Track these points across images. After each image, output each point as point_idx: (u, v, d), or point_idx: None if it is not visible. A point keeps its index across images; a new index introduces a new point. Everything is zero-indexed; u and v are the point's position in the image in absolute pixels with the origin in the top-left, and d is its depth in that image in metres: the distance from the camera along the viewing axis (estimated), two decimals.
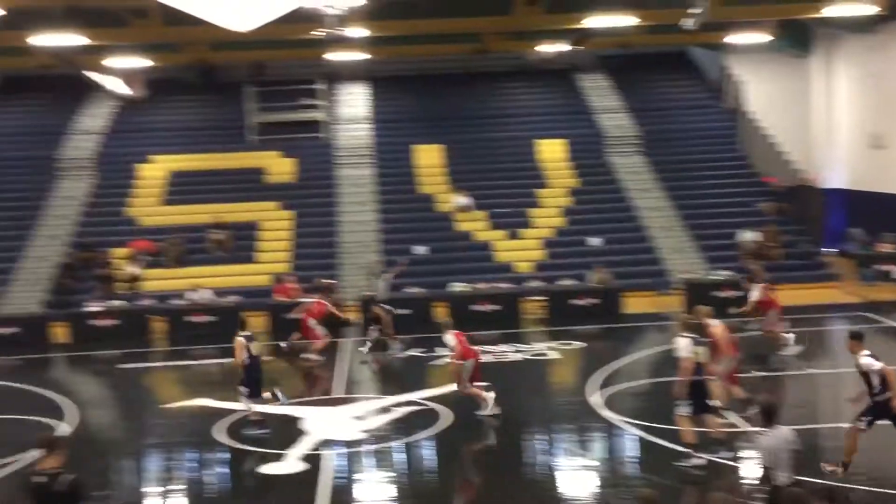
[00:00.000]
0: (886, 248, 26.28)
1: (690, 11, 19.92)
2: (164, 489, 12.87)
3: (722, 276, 24.85)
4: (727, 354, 14.22)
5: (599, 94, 34.36)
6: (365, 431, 14.77)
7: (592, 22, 23.62)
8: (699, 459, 12.32)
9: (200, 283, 24.70)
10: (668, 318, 23.44)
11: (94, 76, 26.97)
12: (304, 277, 24.96)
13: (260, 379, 15.10)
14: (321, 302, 20.53)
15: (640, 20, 24.32)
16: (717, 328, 14.26)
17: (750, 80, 32.60)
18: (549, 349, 20.32)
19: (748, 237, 27.05)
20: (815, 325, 21.01)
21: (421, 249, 27.54)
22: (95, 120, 33.00)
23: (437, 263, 26.91)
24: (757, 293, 18.85)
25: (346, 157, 31.83)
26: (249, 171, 30.94)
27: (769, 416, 9.45)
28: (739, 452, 12.92)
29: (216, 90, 34.14)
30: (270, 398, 15.31)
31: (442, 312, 23.29)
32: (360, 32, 22.83)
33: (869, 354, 11.81)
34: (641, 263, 26.89)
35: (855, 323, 20.93)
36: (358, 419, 15.44)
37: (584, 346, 20.96)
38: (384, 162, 31.50)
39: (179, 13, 17.01)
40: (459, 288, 24.74)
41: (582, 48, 30.24)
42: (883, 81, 28.35)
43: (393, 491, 12.48)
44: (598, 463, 13.29)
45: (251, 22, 16.12)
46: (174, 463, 14.04)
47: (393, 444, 14.30)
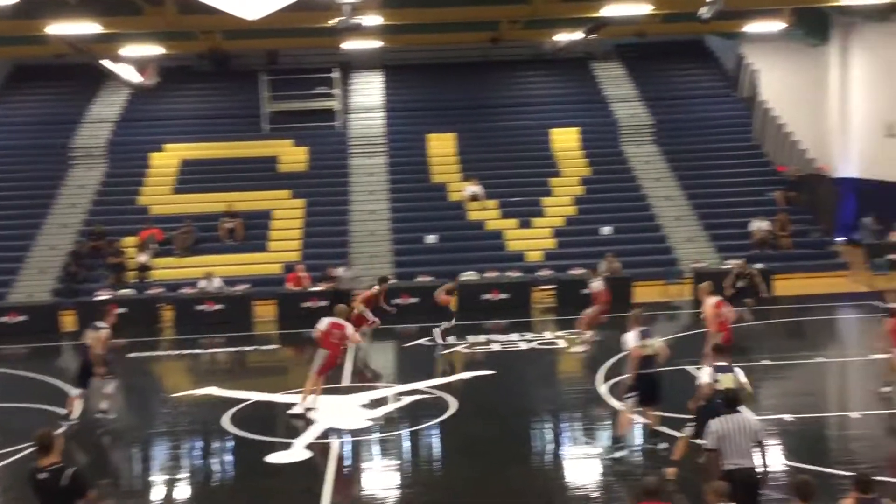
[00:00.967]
0: None
1: (706, 0, 19.75)
2: (170, 478, 12.97)
3: (733, 264, 24.70)
4: (713, 332, 14.99)
5: (614, 82, 34.24)
6: (371, 420, 14.84)
7: (609, 10, 23.51)
8: (622, 452, 12.83)
9: (212, 271, 24.79)
10: (678, 307, 23.46)
11: (107, 64, 27.07)
12: (315, 266, 25.04)
13: None
14: (373, 293, 20.27)
15: (655, 8, 24.22)
16: (708, 306, 15.15)
17: (765, 68, 32.44)
18: (559, 338, 20.33)
19: (759, 226, 26.91)
20: (823, 313, 20.92)
21: (431, 238, 27.57)
22: (109, 108, 33.14)
23: (448, 252, 26.96)
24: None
25: (359, 146, 31.86)
26: (262, 159, 31.01)
27: (729, 402, 9.68)
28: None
29: (230, 78, 34.24)
30: None
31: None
32: (374, 20, 22.80)
33: None
34: (652, 252, 26.85)
35: (863, 312, 20.91)
36: (365, 407, 15.52)
37: (592, 334, 20.95)
38: (397, 151, 31.52)
39: (193, 1, 17.07)
40: (469, 277, 24.74)
41: (597, 37, 30.13)
42: None
43: (399, 479, 12.56)
44: (603, 451, 13.31)
45: (261, 10, 16.18)
46: (181, 452, 14.15)
47: (399, 432, 14.38)
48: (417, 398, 15.94)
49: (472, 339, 20.32)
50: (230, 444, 14.16)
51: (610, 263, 24.33)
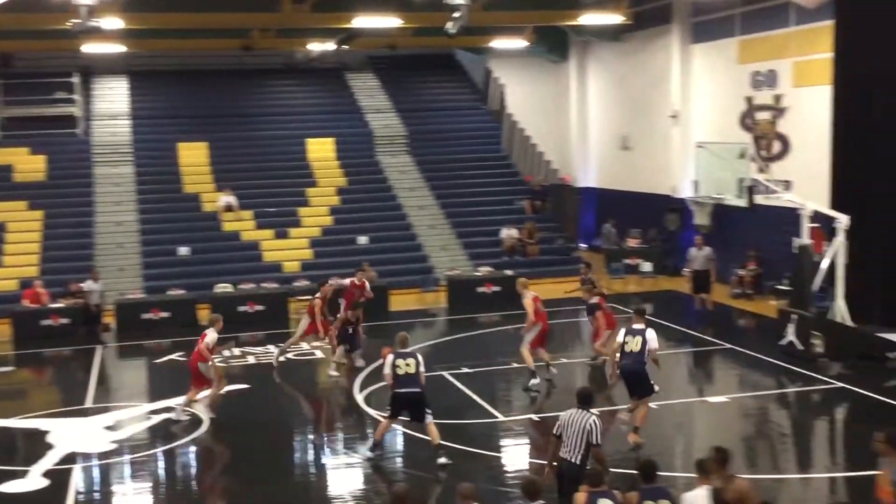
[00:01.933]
0: (633, 243, 28.03)
1: (451, 16, 20.39)
2: None
3: (484, 272, 25.65)
4: (535, 322, 16.19)
5: (368, 93, 34.59)
6: (117, 441, 14.14)
7: (359, 22, 23.81)
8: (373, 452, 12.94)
9: None
10: (434, 314, 24.01)
11: None
12: (55, 281, 23.57)
13: None
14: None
15: (405, 22, 24.77)
16: (527, 299, 16.19)
17: (511, 83, 33.92)
18: (315, 348, 20.24)
19: (509, 234, 28.05)
20: (566, 317, 22.05)
21: (184, 250, 26.74)
22: None
23: (202, 265, 26.20)
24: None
25: (103, 154, 30.31)
26: None
27: (580, 399, 10.17)
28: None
29: None
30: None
31: (205, 314, 22.74)
32: (114, 24, 21.84)
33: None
34: (408, 261, 27.32)
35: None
36: (110, 429, 14.76)
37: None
38: (146, 160, 30.29)
39: None
40: (224, 289, 24.17)
41: (350, 48, 30.42)
42: (629, 87, 30.24)
43: (152, 501, 12.04)
44: (361, 460, 13.37)
45: None
46: None
47: (151, 452, 13.82)
48: (168, 416, 15.36)
49: (226, 352, 19.83)
50: None
51: (366, 273, 24.49)
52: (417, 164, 31.74)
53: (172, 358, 19.58)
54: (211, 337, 15.04)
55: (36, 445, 13.98)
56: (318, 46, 29.68)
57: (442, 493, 12.11)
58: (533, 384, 16.14)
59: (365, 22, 23.84)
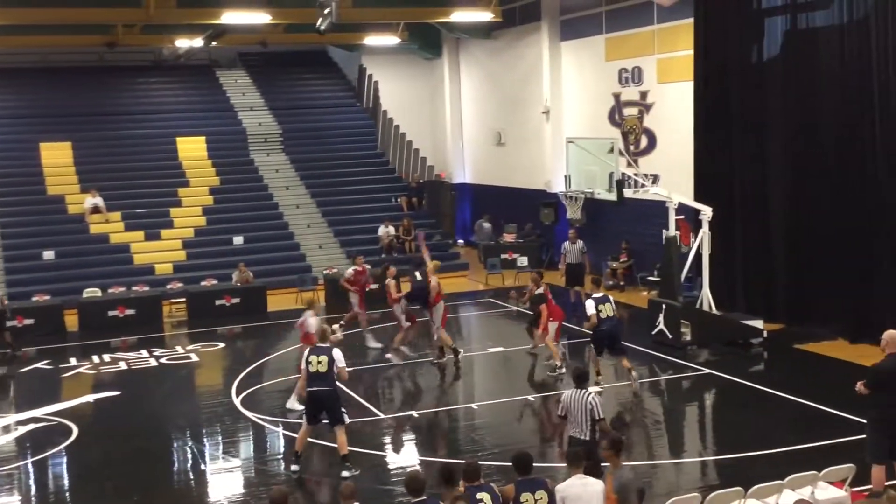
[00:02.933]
0: (509, 238, 28.43)
1: (321, 12, 20.23)
2: None
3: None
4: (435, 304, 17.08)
5: (240, 91, 33.98)
6: None
7: (227, 18, 23.39)
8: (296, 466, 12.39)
9: None
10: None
11: None
12: None
13: None
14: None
15: (274, 18, 24.47)
16: (433, 283, 17.28)
17: (385, 80, 33.91)
18: (190, 352, 19.82)
19: (386, 231, 28.05)
20: (450, 312, 22.20)
21: (49, 254, 25.78)
22: None
23: (69, 269, 25.30)
24: None
25: None
26: None
27: (576, 379, 10.64)
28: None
29: None
30: None
31: (73, 321, 22.02)
32: None
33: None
34: (285, 261, 27.03)
35: (482, 309, 22.51)
36: None
37: (227, 346, 20.73)
38: (5, 161, 28.95)
39: None
40: (93, 293, 23.40)
41: (220, 44, 29.83)
42: (502, 83, 30.64)
43: None
44: (239, 463, 13.17)
45: None
46: None
47: (17, 465, 13.29)
48: (35, 427, 14.79)
49: (96, 359, 19.23)
50: None
51: (242, 273, 24.16)
52: (292, 162, 31.40)
53: (38, 367, 18.85)
54: (311, 322, 15.17)
55: None
56: (185, 43, 28.98)
57: (324, 494, 12.05)
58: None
59: (233, 18, 23.43)
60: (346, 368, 12.34)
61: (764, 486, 9.32)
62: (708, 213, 18.69)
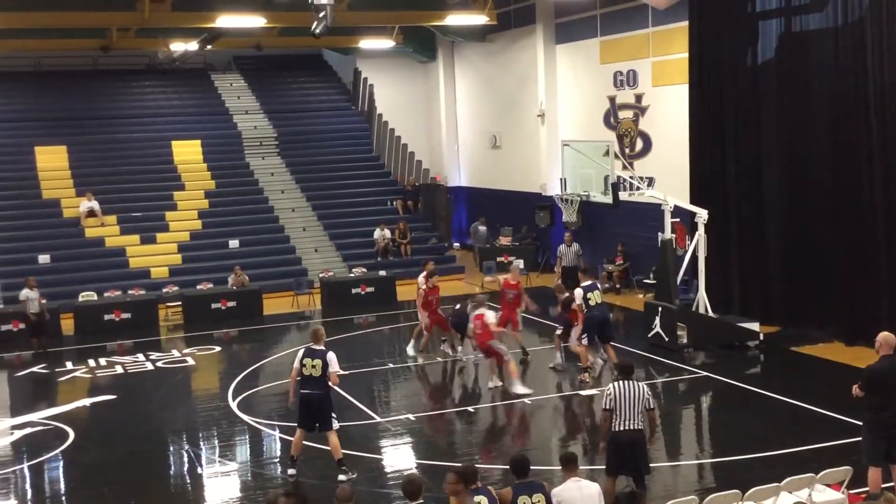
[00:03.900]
0: (505, 241, 28.45)
1: (316, 16, 20.21)
2: None
3: (358, 273, 25.60)
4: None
5: (235, 94, 33.97)
6: None
7: (222, 21, 23.38)
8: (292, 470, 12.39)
9: None
10: (309, 317, 23.80)
11: None
12: None
13: None
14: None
15: (269, 22, 24.46)
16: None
17: (381, 83, 33.92)
18: (187, 355, 19.80)
19: (382, 234, 28.04)
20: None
21: (44, 258, 25.74)
22: None
23: (64, 272, 25.28)
24: None
25: None
26: None
27: (624, 371, 10.69)
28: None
29: None
30: None
31: (68, 325, 21.99)
32: None
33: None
34: (281, 264, 27.02)
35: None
36: None
37: (224, 349, 20.71)
38: (0, 165, 28.95)
39: None
40: (89, 297, 23.36)
41: (215, 48, 29.84)
42: (497, 86, 30.67)
43: None
44: (236, 467, 13.16)
45: None
46: None
47: (13, 469, 13.27)
48: (31, 431, 14.76)
49: (92, 363, 19.21)
50: None
51: (238, 277, 24.14)
52: (288, 165, 31.39)
53: (34, 370, 18.83)
54: (489, 315, 15.60)
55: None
56: (180, 46, 28.97)
57: (319, 497, 12.03)
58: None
59: (228, 21, 23.43)
60: (338, 373, 12.25)
61: (761, 488, 9.33)
62: (704, 215, 18.71)
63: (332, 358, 12.11)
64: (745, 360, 17.68)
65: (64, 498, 12.61)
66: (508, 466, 8.72)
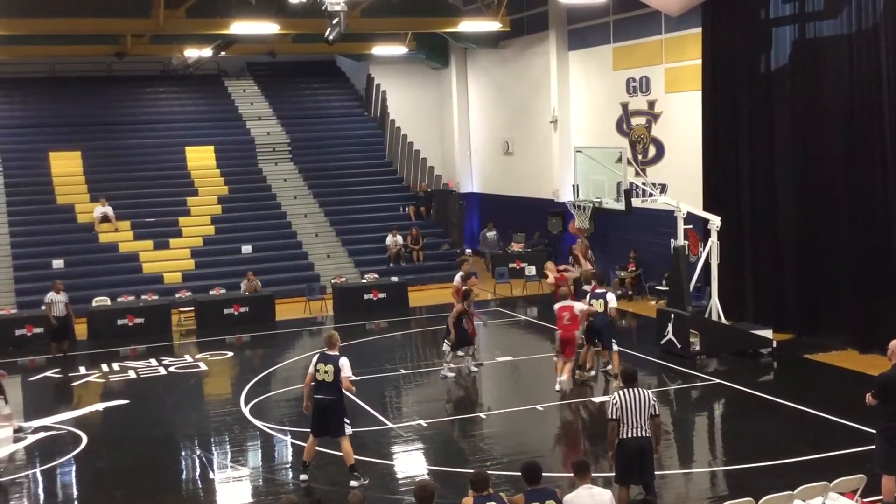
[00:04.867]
0: (517, 247, 28.43)
1: (330, 23, 20.28)
2: None
3: (370, 279, 25.62)
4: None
5: (248, 100, 34.10)
6: None
7: (236, 28, 23.50)
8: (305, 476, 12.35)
9: None
10: (321, 322, 23.83)
11: None
12: None
13: None
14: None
15: (283, 28, 24.57)
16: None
17: (393, 89, 33.97)
18: (199, 361, 19.85)
19: (394, 240, 28.07)
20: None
21: (58, 263, 25.86)
22: None
23: (79, 277, 25.33)
24: None
25: None
26: None
27: (628, 379, 10.59)
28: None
29: None
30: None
31: (82, 329, 22.06)
32: None
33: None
34: (293, 270, 27.07)
35: (491, 318, 22.43)
36: None
37: (236, 355, 20.75)
38: (15, 170, 29.14)
39: None
40: (102, 302, 23.45)
41: (229, 54, 29.97)
42: (509, 93, 30.68)
43: None
44: (248, 472, 13.17)
45: None
46: None
47: (26, 473, 13.32)
48: (44, 435, 14.82)
49: (105, 367, 19.27)
50: None
51: (250, 282, 24.20)
52: (300, 171, 31.48)
53: (47, 375, 18.91)
54: (578, 307, 15.90)
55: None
56: (194, 53, 29.11)
57: (332, 503, 12.04)
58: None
59: (242, 28, 23.54)
60: (350, 378, 12.24)
61: (774, 496, 9.29)
62: (717, 222, 18.66)
63: (344, 363, 12.08)
64: (758, 367, 17.60)
65: (76, 502, 12.65)
66: (520, 473, 8.71)
